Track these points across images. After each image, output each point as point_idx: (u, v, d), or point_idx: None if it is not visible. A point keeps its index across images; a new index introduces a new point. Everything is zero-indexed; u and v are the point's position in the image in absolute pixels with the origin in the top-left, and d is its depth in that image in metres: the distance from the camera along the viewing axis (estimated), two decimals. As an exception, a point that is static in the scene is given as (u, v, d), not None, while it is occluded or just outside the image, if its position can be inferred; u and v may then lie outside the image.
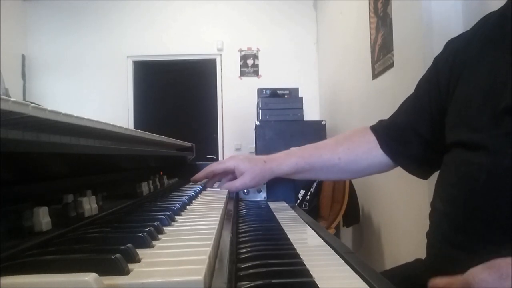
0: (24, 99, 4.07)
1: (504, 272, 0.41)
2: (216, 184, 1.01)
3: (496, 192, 0.58)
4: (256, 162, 0.90)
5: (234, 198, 0.97)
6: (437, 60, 0.78)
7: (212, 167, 0.98)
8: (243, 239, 0.57)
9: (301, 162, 0.89)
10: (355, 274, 0.42)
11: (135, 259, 0.37)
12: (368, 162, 0.87)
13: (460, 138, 0.66)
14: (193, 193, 0.84)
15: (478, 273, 0.42)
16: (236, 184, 0.91)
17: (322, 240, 0.58)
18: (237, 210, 0.88)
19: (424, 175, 0.83)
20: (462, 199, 0.63)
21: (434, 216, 0.71)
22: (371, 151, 0.85)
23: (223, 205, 0.70)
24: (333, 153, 0.88)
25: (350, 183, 2.61)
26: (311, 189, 2.62)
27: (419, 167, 0.82)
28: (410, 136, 0.79)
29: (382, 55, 2.34)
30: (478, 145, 0.61)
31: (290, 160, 0.90)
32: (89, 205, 0.56)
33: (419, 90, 0.81)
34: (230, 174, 0.95)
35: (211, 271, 0.36)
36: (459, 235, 0.63)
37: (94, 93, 4.69)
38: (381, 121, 0.89)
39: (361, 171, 0.90)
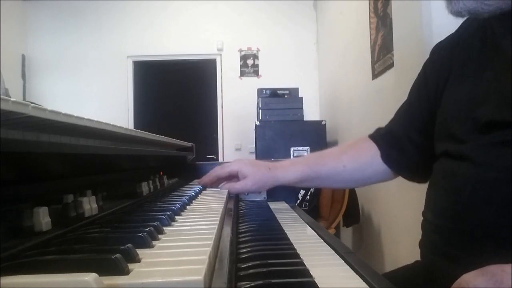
0: (24, 99, 4.07)
1: (498, 279, 0.42)
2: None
3: (482, 204, 0.58)
4: (260, 167, 0.89)
5: (234, 198, 0.97)
6: (425, 67, 0.78)
7: (217, 171, 0.97)
8: (243, 239, 0.57)
9: (307, 170, 0.88)
10: (355, 274, 0.42)
11: (135, 259, 0.36)
12: (372, 169, 0.86)
13: (446, 149, 0.66)
14: (193, 193, 0.84)
15: (472, 279, 0.43)
16: (237, 186, 0.90)
17: (322, 240, 0.58)
18: (237, 210, 0.88)
19: (423, 180, 0.83)
20: (450, 211, 0.63)
21: (425, 226, 0.71)
22: (374, 159, 0.85)
23: (223, 205, 0.70)
24: (338, 161, 0.87)
25: (350, 183, 2.61)
26: (311, 189, 2.62)
27: (417, 173, 0.82)
28: (405, 143, 0.80)
29: (382, 55, 2.34)
30: (463, 156, 0.62)
31: (295, 167, 0.88)
32: (89, 205, 0.56)
33: (411, 98, 0.81)
34: (234, 178, 0.94)
35: (211, 271, 0.36)
36: (448, 247, 0.63)
37: (94, 93, 4.68)
38: (379, 129, 0.89)
39: (366, 179, 0.89)
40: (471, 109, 0.63)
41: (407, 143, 0.80)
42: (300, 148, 3.21)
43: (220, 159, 4.59)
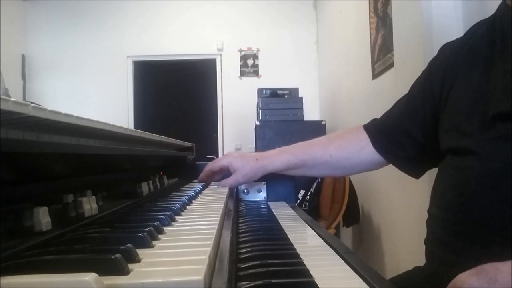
0: (24, 99, 4.07)
1: (492, 277, 0.43)
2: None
3: (486, 196, 0.59)
4: (248, 160, 0.95)
5: (234, 198, 0.97)
6: (432, 65, 0.79)
7: (210, 166, 1.04)
8: (243, 239, 0.57)
9: (293, 159, 0.92)
10: (355, 274, 0.42)
11: (135, 259, 0.36)
12: (359, 159, 0.88)
13: (451, 145, 0.67)
14: (193, 193, 0.84)
15: (467, 278, 0.44)
16: (229, 181, 0.96)
17: (322, 240, 0.58)
18: (237, 210, 0.88)
19: (416, 175, 0.84)
20: (455, 204, 0.64)
21: (431, 222, 0.71)
22: (363, 149, 0.87)
23: (223, 205, 0.70)
24: (325, 151, 0.90)
25: (350, 183, 2.61)
26: (311, 189, 2.62)
27: (411, 166, 0.83)
28: (402, 138, 0.80)
29: (382, 55, 2.34)
30: (468, 150, 0.62)
31: (282, 156, 0.93)
32: (89, 205, 0.56)
33: (413, 93, 0.82)
34: (226, 171, 1.00)
35: (211, 271, 0.36)
36: (455, 240, 0.64)
37: (94, 93, 4.69)
38: (374, 120, 0.90)
39: (352, 167, 0.92)
40: (479, 103, 0.64)
41: (404, 137, 0.80)
42: (300, 148, 3.20)
43: (220, 159, 4.58)
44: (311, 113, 4.22)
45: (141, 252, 0.39)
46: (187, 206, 0.71)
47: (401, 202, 1.95)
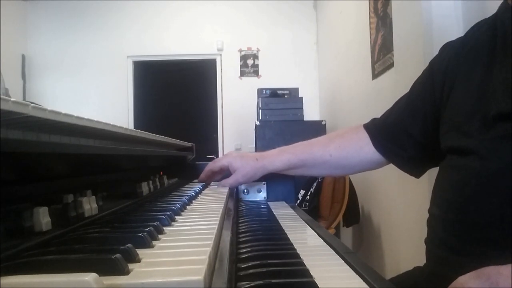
0: (24, 99, 4.07)
1: (493, 281, 0.42)
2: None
3: (487, 196, 0.59)
4: (248, 159, 0.95)
5: (234, 198, 0.97)
6: (432, 64, 0.79)
7: (210, 166, 1.04)
8: (243, 239, 0.57)
9: (294, 158, 0.92)
10: (355, 274, 0.42)
11: (135, 259, 0.36)
12: (359, 159, 0.89)
13: (452, 144, 0.67)
14: (193, 193, 0.84)
15: (467, 281, 0.43)
16: (230, 181, 0.96)
17: (322, 240, 0.58)
18: (237, 210, 0.88)
19: (416, 174, 0.85)
20: (456, 203, 0.64)
21: (431, 222, 0.72)
22: (363, 148, 0.87)
23: (223, 205, 0.70)
24: (325, 150, 0.91)
25: (350, 183, 2.61)
26: (311, 189, 2.62)
27: (411, 166, 0.83)
28: (403, 137, 0.80)
29: (382, 55, 2.34)
30: (468, 150, 0.62)
31: (282, 156, 0.93)
32: (89, 205, 0.56)
33: (414, 92, 0.82)
34: (226, 171, 1.00)
35: (211, 271, 0.36)
36: (455, 240, 0.64)
37: (94, 93, 4.69)
38: (374, 120, 0.90)
39: (352, 167, 0.92)
40: (479, 103, 0.64)
41: (405, 137, 0.80)
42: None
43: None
44: (311, 113, 4.22)
45: (141, 252, 0.39)
46: (187, 206, 0.71)
47: (401, 202, 1.95)
